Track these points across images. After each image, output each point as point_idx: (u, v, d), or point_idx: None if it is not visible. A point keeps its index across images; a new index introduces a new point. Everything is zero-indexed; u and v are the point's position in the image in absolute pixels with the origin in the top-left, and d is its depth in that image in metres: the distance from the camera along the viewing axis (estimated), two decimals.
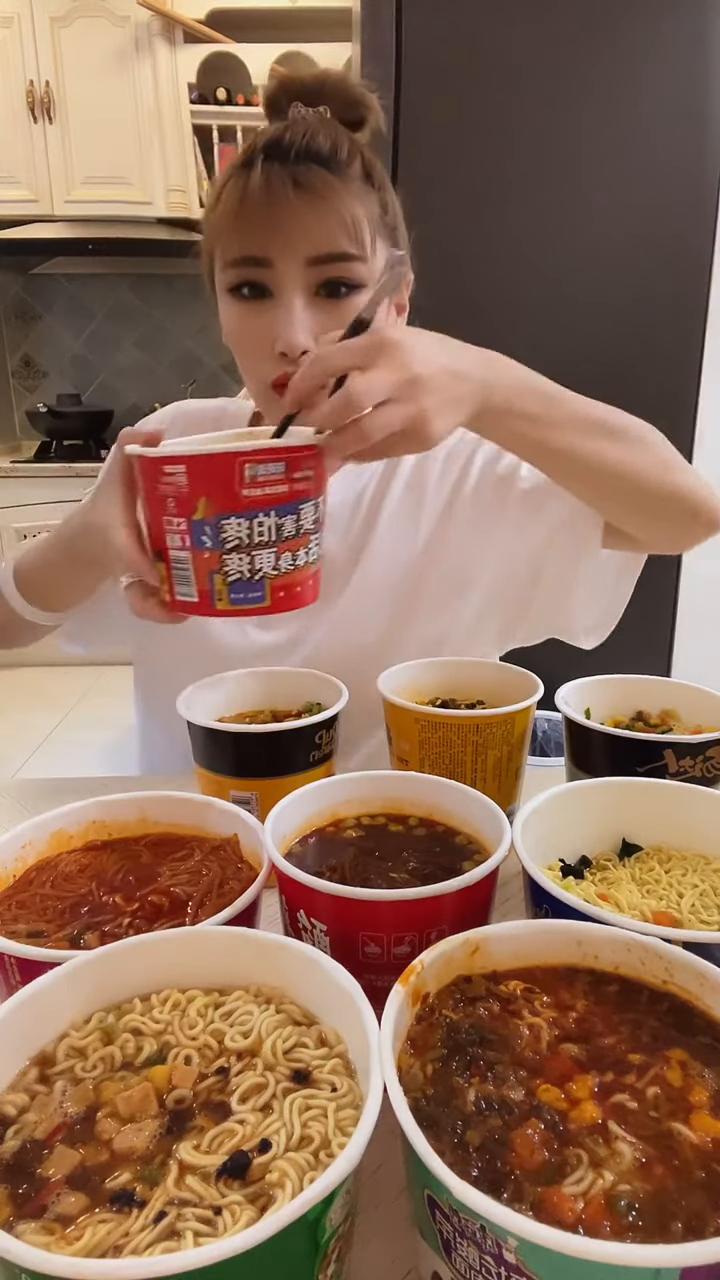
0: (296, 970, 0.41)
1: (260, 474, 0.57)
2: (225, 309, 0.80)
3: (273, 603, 0.62)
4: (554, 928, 0.44)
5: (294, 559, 0.61)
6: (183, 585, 0.61)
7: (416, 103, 1.59)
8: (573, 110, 1.58)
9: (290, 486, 0.59)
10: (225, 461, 0.56)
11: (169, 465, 0.57)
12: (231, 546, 0.59)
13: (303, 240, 0.74)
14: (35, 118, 3.09)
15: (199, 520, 0.58)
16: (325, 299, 0.76)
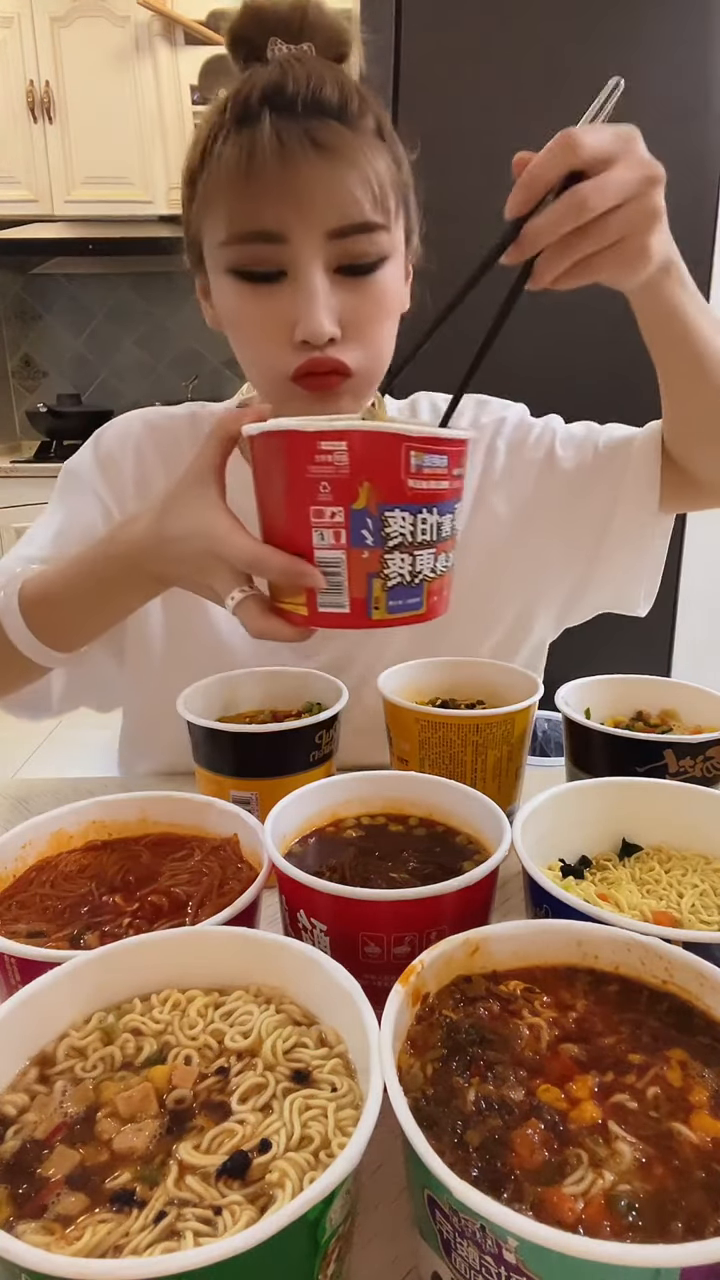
0: (296, 970, 0.41)
1: (425, 465, 0.51)
2: (225, 292, 0.70)
3: (427, 608, 0.56)
4: (554, 928, 0.44)
5: (447, 560, 0.57)
6: (330, 594, 0.53)
7: (416, 103, 1.59)
8: (572, 110, 1.58)
9: (450, 483, 0.54)
10: (391, 443, 0.50)
11: (327, 441, 0.50)
12: (394, 544, 0.52)
13: (324, 209, 0.64)
14: (35, 118, 3.09)
15: (360, 510, 0.51)
16: (345, 277, 0.68)
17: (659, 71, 1.55)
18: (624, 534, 0.84)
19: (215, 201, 0.67)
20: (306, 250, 0.65)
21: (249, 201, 0.65)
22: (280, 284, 0.67)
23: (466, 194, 1.62)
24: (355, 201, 0.65)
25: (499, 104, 1.58)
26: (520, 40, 1.55)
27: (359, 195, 0.65)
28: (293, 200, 0.64)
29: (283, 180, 0.63)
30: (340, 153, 0.64)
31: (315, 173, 0.63)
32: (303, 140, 0.63)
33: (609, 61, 1.55)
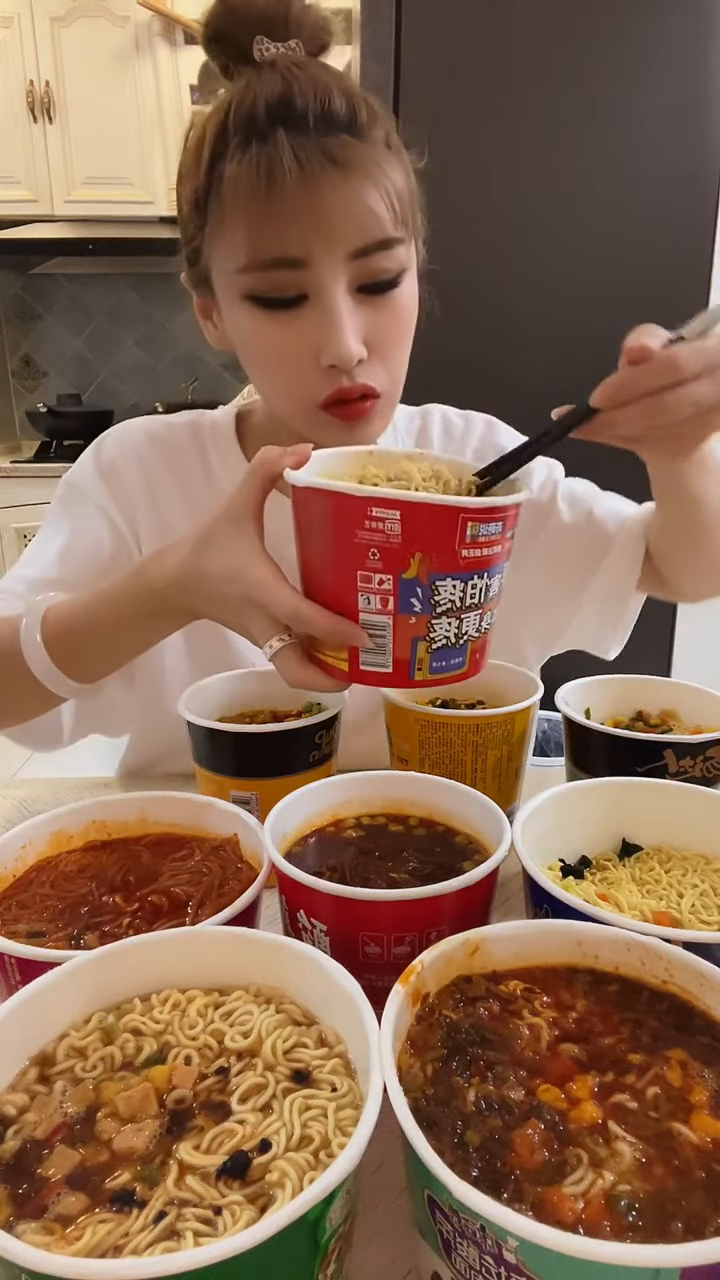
0: (296, 970, 0.41)
1: (481, 535, 0.50)
2: (240, 319, 0.68)
3: (470, 667, 0.55)
4: (554, 928, 0.44)
5: (491, 618, 0.55)
6: (374, 654, 0.52)
7: (416, 104, 1.59)
8: (573, 110, 1.58)
9: (504, 546, 0.53)
10: (449, 515, 0.48)
11: (379, 509, 0.48)
12: (443, 610, 0.51)
13: (347, 230, 0.62)
14: (35, 118, 3.08)
15: (410, 580, 0.49)
16: (367, 295, 0.66)
17: (659, 71, 1.55)
18: (600, 600, 0.88)
19: (231, 225, 0.64)
20: (329, 272, 0.63)
21: (271, 226, 0.62)
22: (302, 309, 0.65)
23: (467, 193, 1.62)
24: (377, 219, 0.63)
25: (499, 104, 1.58)
26: (520, 40, 1.55)
27: (380, 212, 0.63)
28: (315, 222, 0.61)
29: (304, 203, 0.61)
30: (358, 168, 0.61)
31: (336, 192, 0.61)
32: (321, 159, 0.60)
33: (609, 61, 1.55)
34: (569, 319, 1.66)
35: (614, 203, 1.61)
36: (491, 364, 1.64)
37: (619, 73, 1.56)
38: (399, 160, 0.66)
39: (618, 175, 1.60)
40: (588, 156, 1.60)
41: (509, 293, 1.66)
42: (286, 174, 0.60)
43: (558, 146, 1.60)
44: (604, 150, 1.59)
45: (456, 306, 1.66)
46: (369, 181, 0.62)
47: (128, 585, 0.66)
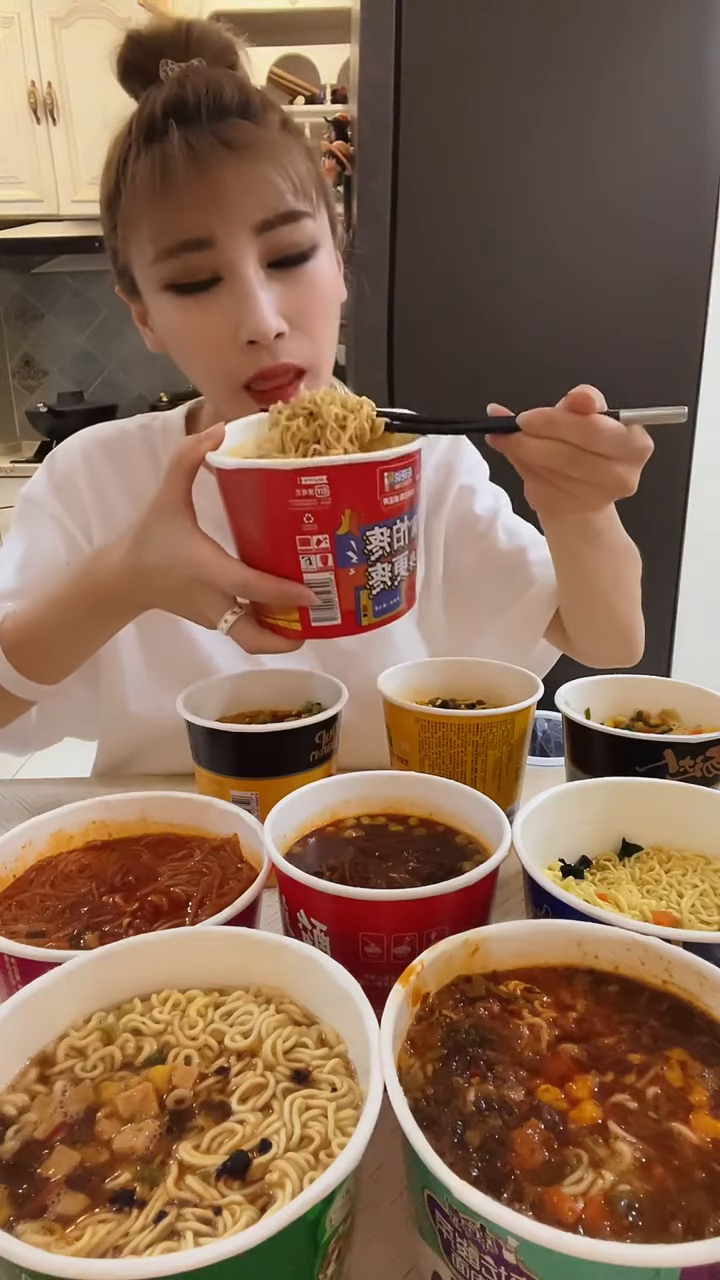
0: (296, 970, 0.41)
1: (396, 482, 0.55)
2: (163, 310, 0.70)
3: (406, 603, 0.60)
4: (554, 928, 0.44)
5: (416, 557, 0.60)
6: (322, 610, 0.57)
7: (416, 105, 1.59)
8: (573, 111, 1.58)
9: (415, 489, 0.58)
10: (369, 470, 0.53)
11: (308, 477, 0.52)
12: (377, 557, 0.55)
13: (247, 206, 0.64)
14: (38, 118, 3.09)
15: (344, 535, 0.54)
16: (280, 270, 0.68)
17: (659, 71, 1.55)
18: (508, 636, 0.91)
19: (137, 222, 0.67)
20: (236, 250, 0.65)
21: (169, 213, 0.64)
22: (216, 290, 0.67)
23: (466, 193, 1.62)
24: (276, 192, 0.65)
25: (499, 103, 1.58)
26: (520, 39, 1.55)
27: (278, 185, 0.65)
28: (213, 202, 0.63)
29: (199, 185, 0.63)
30: (252, 148, 0.64)
31: (230, 172, 0.63)
32: (213, 143, 0.63)
33: (609, 60, 1.55)
34: (568, 318, 1.66)
35: (614, 202, 1.61)
36: (489, 362, 1.64)
37: (619, 72, 1.56)
38: (298, 143, 0.68)
39: (618, 175, 1.60)
40: (588, 156, 1.60)
41: (508, 291, 1.66)
42: (179, 161, 0.62)
43: (558, 146, 1.59)
44: (604, 150, 1.59)
45: (455, 304, 1.67)
46: (263, 158, 0.64)
47: (76, 586, 0.70)
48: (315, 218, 0.69)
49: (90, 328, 3.72)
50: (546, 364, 1.60)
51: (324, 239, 0.71)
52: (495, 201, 1.63)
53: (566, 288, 1.66)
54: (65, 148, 3.13)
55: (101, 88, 2.75)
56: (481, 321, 1.65)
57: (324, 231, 0.71)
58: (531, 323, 1.66)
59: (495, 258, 1.65)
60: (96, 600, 0.69)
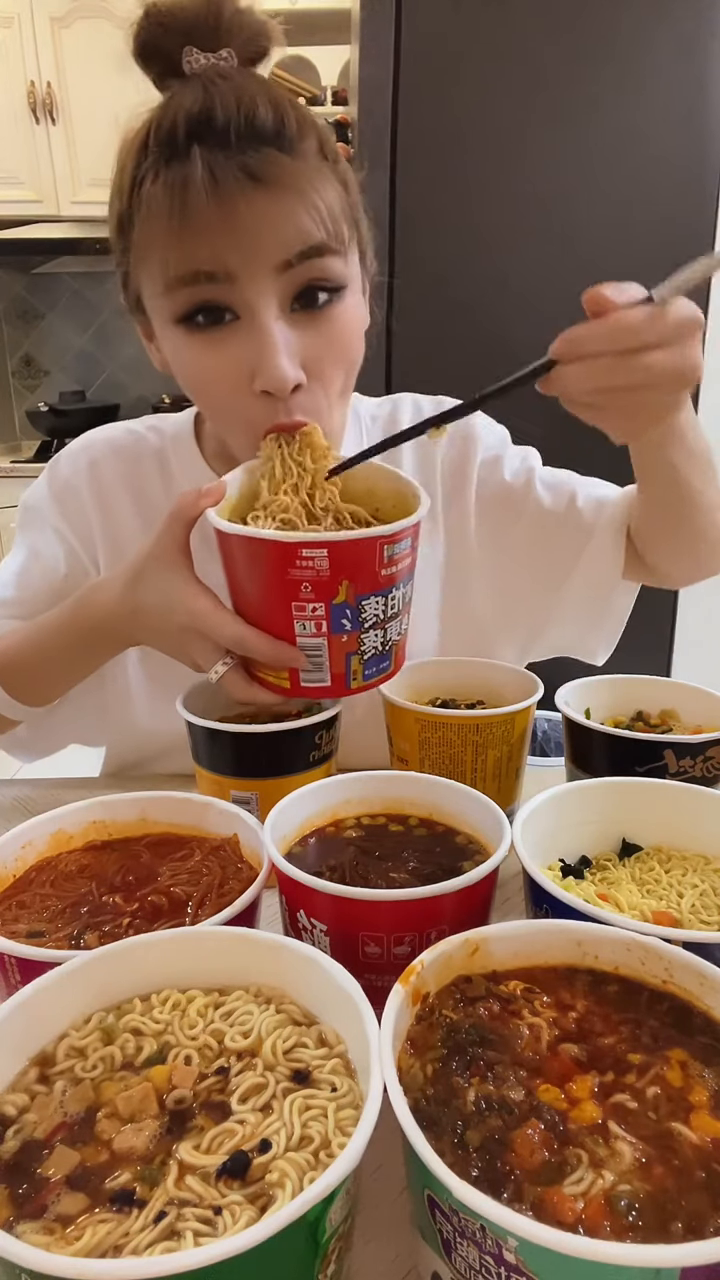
0: (296, 970, 0.41)
1: (396, 552, 0.55)
2: (176, 345, 0.64)
3: (394, 667, 0.61)
4: (554, 928, 0.44)
5: (408, 620, 0.61)
6: (313, 672, 0.58)
7: (415, 105, 1.59)
8: (572, 111, 1.58)
9: (412, 557, 0.58)
10: (369, 545, 0.53)
11: (309, 550, 0.52)
12: (370, 625, 0.56)
13: (269, 243, 0.59)
14: (37, 119, 3.08)
15: (339, 604, 0.54)
16: (302, 312, 0.62)
17: (659, 71, 1.55)
18: (585, 590, 0.85)
19: (149, 248, 0.60)
20: (255, 289, 0.59)
21: (185, 243, 0.58)
22: (232, 328, 0.61)
23: (466, 194, 1.62)
24: (302, 231, 0.59)
25: (499, 104, 1.58)
26: (520, 40, 1.55)
27: (305, 224, 0.59)
28: (232, 238, 0.58)
29: (219, 219, 0.57)
30: (281, 183, 0.58)
31: (254, 208, 0.57)
32: (238, 175, 0.57)
33: (609, 61, 1.55)
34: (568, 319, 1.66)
35: (614, 202, 1.61)
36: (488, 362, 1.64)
37: (619, 72, 1.56)
38: (333, 172, 0.62)
39: (618, 175, 1.60)
40: (587, 156, 1.60)
41: (508, 292, 1.66)
42: (199, 192, 0.56)
43: (557, 146, 1.60)
44: (604, 150, 1.59)
45: (455, 306, 1.67)
46: (293, 195, 0.58)
47: (70, 617, 0.70)
48: (345, 255, 0.63)
49: (91, 329, 3.72)
50: None
51: (352, 279, 0.65)
52: (495, 202, 1.63)
53: (566, 288, 1.65)
54: (65, 148, 3.13)
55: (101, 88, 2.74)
56: (481, 322, 1.65)
57: (353, 271, 0.65)
58: (531, 323, 1.66)
59: (495, 258, 1.65)
60: (89, 633, 0.70)
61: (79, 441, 0.86)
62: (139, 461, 0.84)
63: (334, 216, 0.61)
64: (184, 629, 0.61)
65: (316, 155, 0.61)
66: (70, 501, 0.84)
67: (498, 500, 0.86)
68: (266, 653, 0.58)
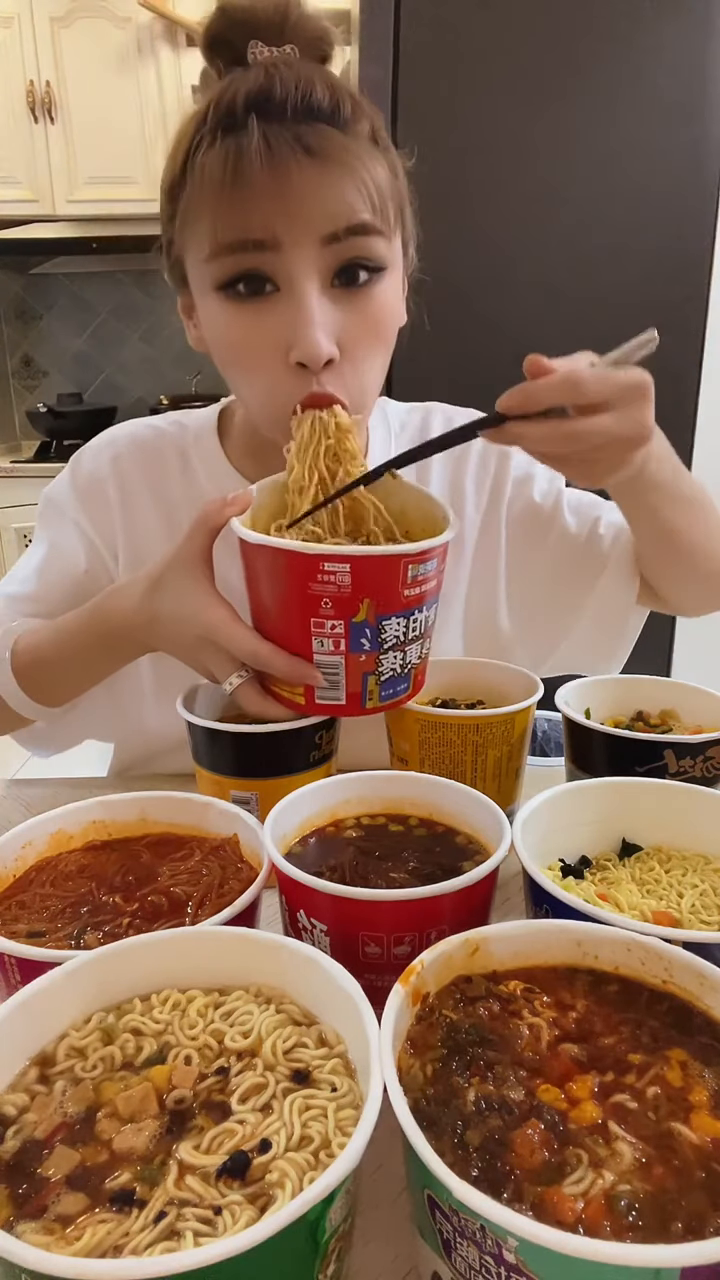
0: (296, 970, 0.41)
1: (420, 573, 0.54)
2: (212, 313, 0.65)
3: (413, 690, 0.61)
4: (554, 928, 0.44)
5: (429, 644, 0.61)
6: (328, 690, 0.57)
7: (415, 105, 1.59)
8: (572, 111, 1.58)
9: (437, 580, 0.57)
10: (393, 563, 0.53)
11: (330, 564, 0.52)
12: (389, 646, 0.55)
13: (317, 214, 0.60)
14: (36, 118, 3.08)
15: (359, 623, 0.53)
16: (342, 289, 0.63)
17: (659, 71, 1.55)
18: (599, 615, 0.87)
19: (198, 214, 0.62)
20: (299, 259, 0.61)
21: (235, 208, 0.60)
22: (272, 299, 0.62)
23: (466, 194, 1.62)
24: (350, 206, 0.61)
25: (498, 104, 1.58)
26: (519, 41, 1.55)
27: (354, 199, 0.61)
28: (281, 206, 0.59)
29: (271, 186, 0.59)
30: (333, 157, 0.59)
31: (306, 178, 0.59)
32: (292, 145, 0.58)
33: (608, 61, 1.55)
34: (568, 319, 1.66)
35: (614, 201, 1.61)
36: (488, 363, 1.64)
37: (618, 72, 1.56)
38: (384, 157, 0.64)
39: (618, 174, 1.60)
40: (587, 156, 1.60)
41: (508, 293, 1.66)
42: (254, 158, 0.58)
43: (558, 146, 1.60)
44: (604, 150, 1.59)
45: (456, 307, 1.66)
46: (343, 169, 0.60)
47: (88, 621, 0.71)
48: (389, 238, 0.64)
49: (88, 330, 3.72)
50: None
51: (393, 263, 0.66)
52: (494, 202, 1.63)
53: (567, 287, 1.66)
54: (63, 147, 3.13)
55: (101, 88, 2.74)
56: (481, 321, 1.65)
57: (395, 254, 0.66)
58: (531, 323, 1.66)
59: (495, 258, 1.65)
60: (107, 637, 0.70)
61: (103, 436, 0.86)
62: (161, 457, 0.84)
63: (382, 197, 0.62)
64: (200, 640, 0.62)
65: (369, 139, 0.63)
66: (93, 497, 0.83)
67: (526, 519, 0.87)
68: (282, 669, 0.58)
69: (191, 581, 0.62)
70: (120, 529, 0.83)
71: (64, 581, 0.83)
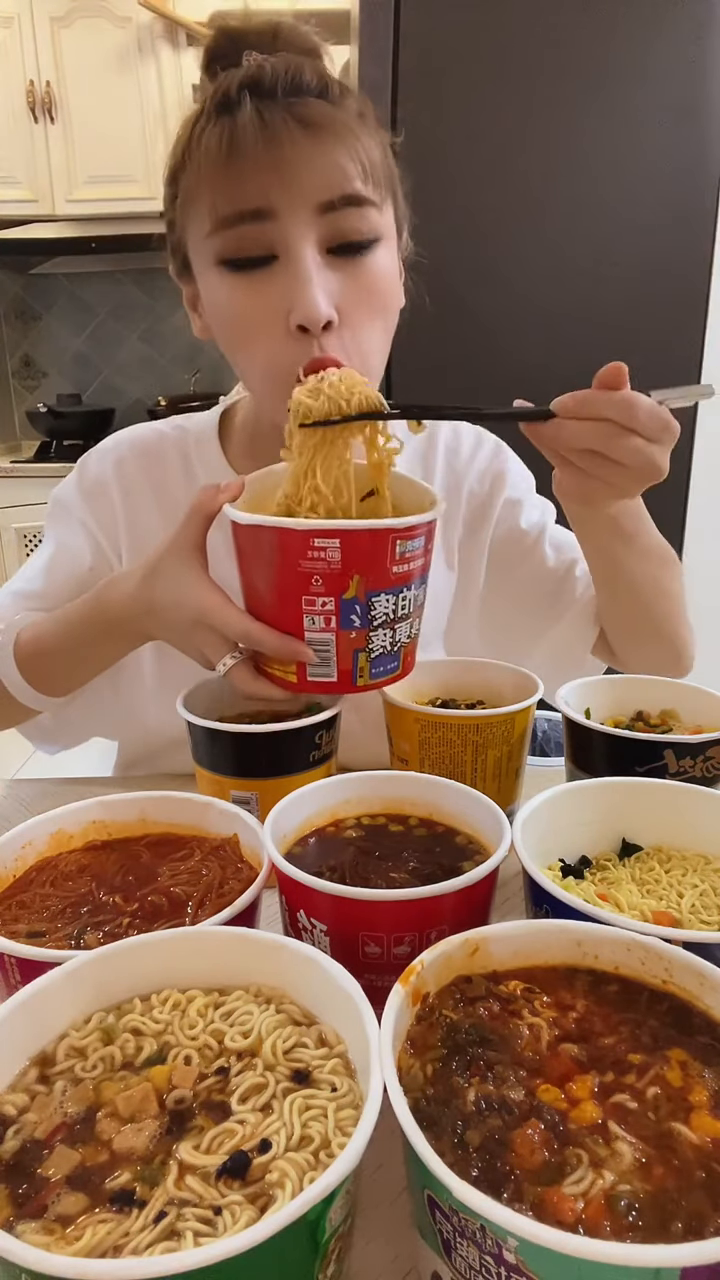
0: (296, 970, 0.41)
1: (408, 549, 0.55)
2: (213, 288, 0.68)
3: (404, 669, 0.62)
4: (554, 928, 0.44)
5: (419, 623, 0.61)
6: (320, 667, 0.58)
7: (415, 105, 1.59)
8: (572, 110, 1.58)
9: (425, 559, 0.58)
10: (381, 536, 0.53)
11: (320, 539, 0.53)
12: (379, 623, 0.56)
13: (312, 182, 0.62)
14: (36, 118, 3.08)
15: (350, 599, 0.54)
16: (338, 257, 0.65)
17: (658, 70, 1.55)
18: (554, 653, 0.91)
19: (198, 191, 0.65)
20: (295, 227, 0.63)
21: (232, 180, 0.62)
22: (271, 269, 0.64)
23: (466, 193, 1.62)
24: (344, 174, 0.63)
25: (498, 104, 1.58)
26: (519, 40, 1.55)
27: (347, 168, 0.63)
28: (277, 175, 0.61)
29: (266, 156, 0.61)
30: (325, 127, 0.62)
31: (299, 147, 0.61)
32: (285, 117, 0.61)
33: (608, 61, 1.55)
34: (568, 319, 1.66)
35: (614, 202, 1.61)
36: (489, 362, 1.64)
37: (618, 73, 1.56)
38: (374, 134, 0.67)
39: (617, 174, 1.60)
40: (587, 156, 1.60)
41: (508, 293, 1.66)
42: (248, 133, 0.61)
43: (557, 146, 1.60)
44: (603, 150, 1.59)
45: (456, 305, 1.67)
46: (336, 139, 0.62)
47: (88, 611, 0.73)
48: (381, 210, 0.67)
49: (87, 331, 3.72)
50: (545, 366, 1.60)
51: (388, 234, 0.68)
52: (493, 202, 1.63)
53: (567, 287, 1.66)
54: (62, 147, 3.13)
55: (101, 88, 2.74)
56: (479, 320, 1.65)
57: (389, 227, 0.69)
58: (530, 324, 1.66)
59: (494, 256, 1.65)
60: (106, 626, 0.72)
61: (108, 441, 0.89)
62: (163, 459, 0.86)
63: (372, 164, 0.65)
64: (194, 623, 0.63)
65: (356, 114, 0.66)
66: (97, 498, 0.86)
67: (509, 543, 0.90)
68: (273, 646, 0.59)
69: (185, 568, 0.63)
70: (124, 528, 0.85)
71: (70, 579, 0.85)
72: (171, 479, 0.86)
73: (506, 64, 1.57)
